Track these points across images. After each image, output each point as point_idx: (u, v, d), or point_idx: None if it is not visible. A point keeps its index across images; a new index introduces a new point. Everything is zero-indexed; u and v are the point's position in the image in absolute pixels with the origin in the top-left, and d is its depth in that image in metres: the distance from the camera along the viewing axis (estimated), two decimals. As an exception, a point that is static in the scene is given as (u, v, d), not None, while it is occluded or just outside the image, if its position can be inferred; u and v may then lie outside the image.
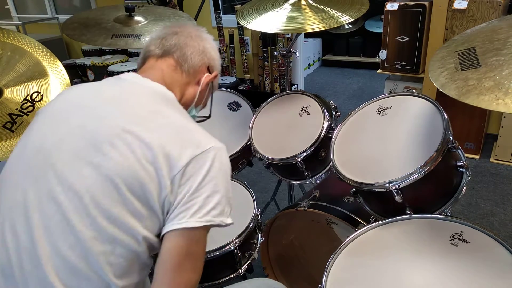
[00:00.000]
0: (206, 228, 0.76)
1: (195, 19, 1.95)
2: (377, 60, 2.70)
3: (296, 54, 1.61)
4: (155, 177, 0.72)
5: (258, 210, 1.32)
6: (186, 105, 0.94)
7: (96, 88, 0.85)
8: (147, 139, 0.73)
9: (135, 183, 0.72)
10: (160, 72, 0.89)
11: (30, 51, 1.45)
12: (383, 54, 2.60)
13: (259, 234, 1.35)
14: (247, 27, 1.47)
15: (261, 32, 3.22)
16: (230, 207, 0.80)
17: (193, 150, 0.75)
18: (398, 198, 1.00)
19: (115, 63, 3.74)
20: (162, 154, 0.73)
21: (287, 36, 3.34)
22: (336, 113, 1.44)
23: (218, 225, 0.76)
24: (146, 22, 1.65)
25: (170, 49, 0.91)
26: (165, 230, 0.74)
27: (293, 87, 3.65)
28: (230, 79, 3.45)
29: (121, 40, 1.54)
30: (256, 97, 2.96)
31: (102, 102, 0.81)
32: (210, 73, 0.97)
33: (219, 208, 0.76)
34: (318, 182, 1.43)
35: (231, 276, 1.25)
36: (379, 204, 1.15)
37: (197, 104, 0.97)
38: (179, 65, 0.91)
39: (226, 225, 0.77)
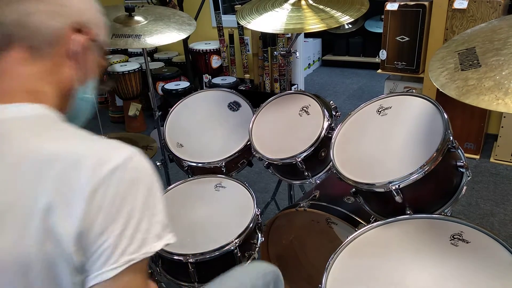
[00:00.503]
0: (134, 267, 0.58)
1: (195, 19, 1.95)
2: (377, 60, 2.69)
3: (296, 54, 1.61)
4: (59, 250, 0.56)
5: (258, 210, 1.32)
6: (71, 92, 0.71)
7: None
8: (36, 207, 0.56)
9: (38, 265, 0.57)
10: (14, 80, 0.64)
11: (30, 51, 1.45)
12: (383, 54, 2.60)
13: (259, 234, 1.35)
14: (247, 27, 1.47)
15: (261, 32, 3.21)
16: (159, 224, 0.61)
17: (91, 185, 0.56)
18: (398, 198, 1.01)
19: (115, 63, 3.74)
20: (59, 215, 0.56)
21: (287, 36, 3.34)
22: (336, 113, 1.44)
23: (146, 257, 0.60)
24: (146, 22, 1.65)
25: (9, 33, 0.63)
26: (85, 286, 0.59)
27: (293, 87, 3.65)
28: (230, 79, 3.44)
29: (121, 40, 1.54)
30: (256, 97, 2.95)
31: None
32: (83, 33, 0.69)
33: (138, 238, 0.59)
34: (318, 182, 1.43)
35: (231, 276, 1.25)
36: (379, 204, 1.15)
37: (85, 80, 0.72)
38: (31, 51, 0.64)
39: (157, 251, 0.61)
